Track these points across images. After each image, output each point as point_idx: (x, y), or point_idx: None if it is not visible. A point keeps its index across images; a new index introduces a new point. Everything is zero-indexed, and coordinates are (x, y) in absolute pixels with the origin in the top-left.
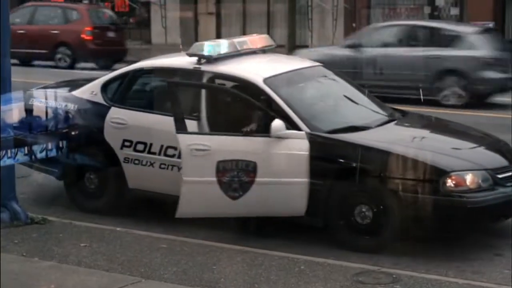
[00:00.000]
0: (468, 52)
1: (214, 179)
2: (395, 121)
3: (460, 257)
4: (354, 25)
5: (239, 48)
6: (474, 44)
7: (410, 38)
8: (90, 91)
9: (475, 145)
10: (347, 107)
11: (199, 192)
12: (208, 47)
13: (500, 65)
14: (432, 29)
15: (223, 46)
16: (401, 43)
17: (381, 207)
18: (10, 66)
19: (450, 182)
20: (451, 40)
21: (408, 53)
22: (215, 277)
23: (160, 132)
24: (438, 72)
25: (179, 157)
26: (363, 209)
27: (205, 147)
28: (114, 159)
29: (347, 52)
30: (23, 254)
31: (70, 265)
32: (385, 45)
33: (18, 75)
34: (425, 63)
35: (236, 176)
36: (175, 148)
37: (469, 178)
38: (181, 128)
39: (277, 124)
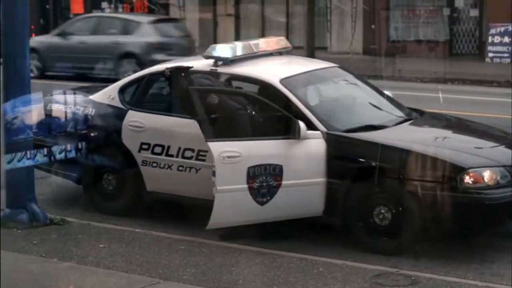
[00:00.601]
0: (142, 38)
1: (245, 186)
2: (412, 120)
3: (478, 259)
4: (373, 26)
5: (255, 50)
6: (147, 31)
7: (104, 27)
8: (108, 95)
9: (494, 143)
10: (364, 106)
11: (231, 201)
12: (225, 49)
13: (167, 48)
14: (119, 19)
15: (238, 48)
16: (96, 31)
17: (400, 208)
18: (30, 67)
19: (468, 179)
20: (131, 28)
21: (98, 40)
22: (233, 278)
23: (178, 134)
24: (119, 55)
25: (196, 159)
26: (382, 210)
27: (236, 153)
28: (132, 162)
29: (56, 39)
30: (42, 254)
31: (89, 266)
32: (84, 33)
33: None
34: (109, 47)
35: (265, 181)
36: (192, 150)
37: (487, 174)
38: (209, 135)
39: (302, 125)
